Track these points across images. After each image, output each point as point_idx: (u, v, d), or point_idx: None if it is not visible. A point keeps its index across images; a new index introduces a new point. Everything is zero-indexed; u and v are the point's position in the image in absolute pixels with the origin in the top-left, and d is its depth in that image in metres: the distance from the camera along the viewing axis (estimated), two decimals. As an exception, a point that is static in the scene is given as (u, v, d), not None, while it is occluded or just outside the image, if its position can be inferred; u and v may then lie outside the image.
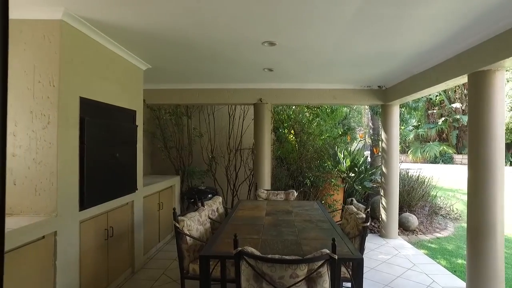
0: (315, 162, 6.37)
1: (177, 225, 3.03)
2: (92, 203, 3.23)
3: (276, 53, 3.92)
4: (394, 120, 5.92)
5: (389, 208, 5.92)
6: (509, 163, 17.74)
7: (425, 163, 19.10)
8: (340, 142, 7.91)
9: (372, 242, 5.73)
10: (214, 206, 4.13)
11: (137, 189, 4.32)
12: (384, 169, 5.92)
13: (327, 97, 5.90)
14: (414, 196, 7.16)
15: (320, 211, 4.00)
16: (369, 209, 3.54)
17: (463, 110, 19.72)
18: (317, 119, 6.92)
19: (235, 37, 3.41)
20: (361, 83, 5.80)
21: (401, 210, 7.01)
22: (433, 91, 4.70)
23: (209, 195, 6.22)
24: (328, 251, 2.08)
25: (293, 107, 7.33)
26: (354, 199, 4.05)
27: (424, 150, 19.58)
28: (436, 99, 20.32)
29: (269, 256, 2.10)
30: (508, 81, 18.72)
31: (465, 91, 19.81)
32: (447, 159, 19.27)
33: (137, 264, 4.38)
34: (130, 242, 4.27)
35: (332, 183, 6.04)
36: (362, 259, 2.39)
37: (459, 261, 5.22)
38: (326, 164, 6.26)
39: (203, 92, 5.95)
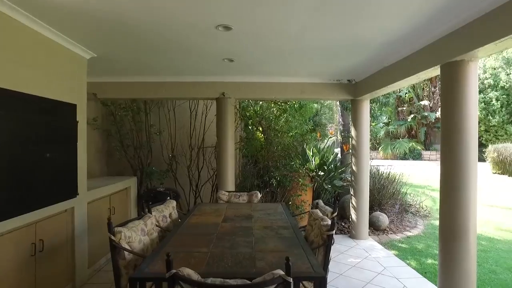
0: (282, 161, 6.02)
1: (112, 238, 2.56)
2: (7, 214, 2.69)
3: (234, 39, 3.50)
4: (364, 115, 5.66)
5: (359, 208, 5.67)
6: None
7: (395, 159, 19.34)
8: (311, 140, 7.62)
9: (342, 244, 5.45)
10: (166, 211, 3.66)
11: (77, 194, 3.78)
12: (354, 167, 5.65)
13: (295, 91, 5.55)
14: (385, 194, 6.98)
15: (283, 215, 3.64)
16: (335, 214, 3.20)
17: (430, 108, 20.13)
18: (285, 115, 6.57)
19: (185, 21, 2.97)
20: (331, 77, 5.49)
21: (371, 209, 6.80)
22: (404, 84, 4.45)
23: (168, 197, 5.74)
24: (281, 273, 1.70)
25: (261, 102, 6.94)
26: (320, 201, 3.71)
27: (394, 147, 19.85)
28: (405, 96, 20.62)
29: (209, 281, 1.70)
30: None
31: (433, 89, 20.26)
32: (416, 156, 19.61)
33: (79, 278, 3.85)
34: (70, 255, 3.73)
35: (300, 183, 5.71)
36: (325, 278, 2.03)
37: (429, 261, 5.04)
38: (293, 163, 5.92)
39: (161, 85, 5.44)
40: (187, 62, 4.47)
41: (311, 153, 6.22)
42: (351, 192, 5.76)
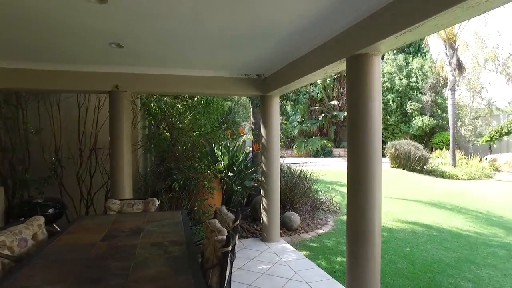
0: (187, 162, 5.46)
1: None
2: None
3: (113, 17, 2.86)
4: (274, 113, 5.43)
5: (271, 209, 5.43)
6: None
7: (308, 157, 20.19)
8: (221, 139, 7.20)
9: (253, 249, 5.14)
10: (26, 232, 2.84)
11: None
12: (264, 167, 5.39)
13: (199, 85, 5.05)
14: (297, 193, 6.91)
15: (180, 226, 3.12)
16: (237, 223, 2.80)
17: (339, 107, 21.50)
18: (191, 112, 6.02)
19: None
20: (238, 71, 5.13)
21: (284, 208, 6.68)
22: (312, 79, 4.29)
23: (50, 210, 4.77)
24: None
25: (165, 98, 6.28)
26: (223, 207, 3.29)
27: (307, 145, 20.71)
28: (317, 96, 21.68)
29: None
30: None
31: (341, 90, 21.65)
32: (327, 153, 20.72)
33: None
34: None
35: (206, 186, 5.24)
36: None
37: (339, 259, 5.02)
38: (197, 164, 5.41)
39: (38, 74, 4.44)
40: (67, 45, 3.66)
41: (220, 153, 5.80)
42: (262, 193, 5.50)
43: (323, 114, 21.67)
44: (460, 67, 16.26)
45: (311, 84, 21.34)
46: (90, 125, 5.56)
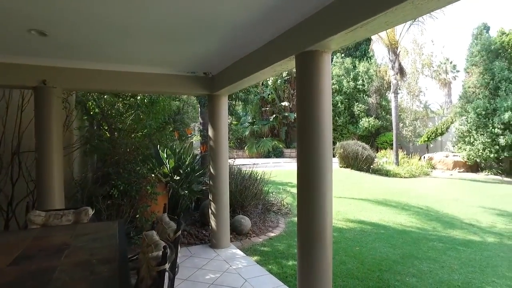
0: (128, 166, 5.01)
1: None
2: None
3: (30, -3, 2.44)
4: (223, 113, 5.19)
5: (219, 214, 5.17)
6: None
7: (260, 157, 20.20)
8: (170, 140, 6.78)
9: (201, 257, 4.85)
10: None
11: None
12: (212, 169, 5.12)
13: (140, 83, 4.65)
14: (247, 196, 6.71)
15: (114, 240, 2.76)
16: (179, 233, 2.51)
17: (290, 108, 21.82)
18: (133, 111, 5.56)
19: None
20: (184, 68, 4.80)
21: (234, 212, 6.46)
22: (261, 77, 4.10)
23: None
24: None
25: (104, 96, 5.74)
26: (165, 216, 2.98)
27: (259, 146, 20.74)
28: (268, 97, 21.80)
29: None
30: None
31: (292, 91, 21.97)
32: (278, 153, 20.90)
33: None
34: None
35: (149, 191, 4.84)
36: None
37: (290, 263, 4.90)
38: (139, 168, 4.98)
39: None
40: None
41: (165, 155, 5.41)
42: (210, 197, 5.22)
43: (274, 115, 21.85)
44: (401, 71, 17.24)
45: (262, 84, 21.40)
46: (11, 126, 4.87)
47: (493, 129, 14.06)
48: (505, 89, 14.04)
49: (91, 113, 5.56)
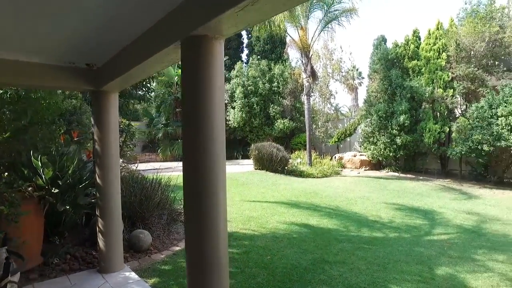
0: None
1: None
2: None
3: None
4: (112, 112, 4.39)
5: (110, 231, 4.37)
6: (241, 156, 20.67)
7: (174, 160, 19.21)
8: (59, 144, 5.65)
9: (83, 287, 3.99)
10: None
11: None
12: (98, 179, 4.29)
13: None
14: (149, 206, 5.94)
15: None
16: (7, 280, 1.77)
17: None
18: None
19: None
20: (59, 56, 3.89)
21: (133, 226, 5.66)
22: (150, 69, 3.48)
23: None
24: None
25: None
26: (2, 251, 2.17)
27: (173, 148, 19.73)
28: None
29: None
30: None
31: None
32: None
33: None
34: None
35: (4, 212, 3.77)
36: None
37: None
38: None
39: None
40: None
41: (40, 164, 4.37)
42: (97, 213, 4.37)
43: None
44: (313, 74, 17.93)
45: (177, 84, 20.43)
46: None
47: (391, 130, 15.38)
48: (399, 94, 15.48)
49: None
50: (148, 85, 6.45)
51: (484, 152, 12.15)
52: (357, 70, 32.71)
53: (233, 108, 21.15)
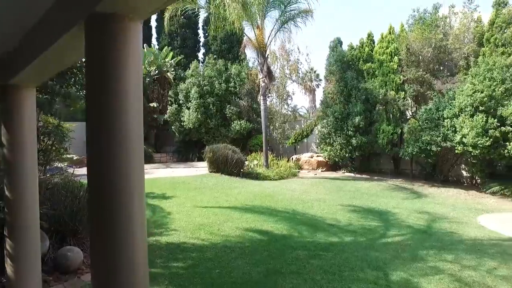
0: None
1: None
2: None
3: None
4: (27, 112, 3.68)
5: (23, 253, 3.63)
6: (197, 158, 19.92)
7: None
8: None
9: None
10: None
11: None
12: (7, 192, 3.57)
13: None
14: (83, 218, 5.23)
15: None
16: None
17: (160, 110, 20.30)
18: None
19: None
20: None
21: (63, 243, 4.95)
22: (64, 60, 2.89)
23: None
24: None
25: None
26: None
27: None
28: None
29: None
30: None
31: (162, 91, 20.45)
32: (147, 158, 19.10)
33: None
34: None
35: None
36: None
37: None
38: None
39: None
40: None
41: None
42: (5, 232, 3.64)
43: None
44: (270, 75, 17.69)
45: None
46: None
47: (347, 131, 15.55)
48: (355, 96, 15.71)
49: None
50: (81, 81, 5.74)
51: (432, 152, 12.60)
52: (314, 72, 33.17)
53: (188, 108, 20.30)
